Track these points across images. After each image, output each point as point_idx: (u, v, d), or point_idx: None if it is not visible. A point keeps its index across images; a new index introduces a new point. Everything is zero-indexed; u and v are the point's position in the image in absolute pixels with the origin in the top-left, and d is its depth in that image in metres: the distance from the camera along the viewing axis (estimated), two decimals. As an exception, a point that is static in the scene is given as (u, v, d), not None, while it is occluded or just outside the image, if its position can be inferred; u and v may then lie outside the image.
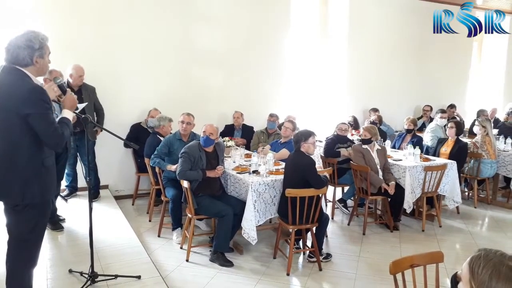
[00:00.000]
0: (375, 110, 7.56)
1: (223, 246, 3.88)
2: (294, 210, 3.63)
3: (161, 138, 4.77)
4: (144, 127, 5.58)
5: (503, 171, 5.81)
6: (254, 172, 4.12)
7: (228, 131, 6.26)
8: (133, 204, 5.64)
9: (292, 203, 3.62)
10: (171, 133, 4.84)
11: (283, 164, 4.37)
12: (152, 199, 5.04)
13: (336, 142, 5.53)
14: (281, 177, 4.01)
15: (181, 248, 4.17)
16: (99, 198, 5.35)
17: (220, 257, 3.85)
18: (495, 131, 7.01)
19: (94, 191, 5.22)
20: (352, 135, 6.59)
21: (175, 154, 4.22)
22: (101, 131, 5.11)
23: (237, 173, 4.18)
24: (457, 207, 5.43)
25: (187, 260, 3.89)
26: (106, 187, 5.70)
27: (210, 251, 3.98)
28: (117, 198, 5.61)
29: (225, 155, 4.68)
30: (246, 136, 6.16)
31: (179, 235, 4.31)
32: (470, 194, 6.05)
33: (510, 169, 5.70)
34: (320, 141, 6.27)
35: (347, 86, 7.69)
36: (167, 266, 3.79)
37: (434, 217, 5.12)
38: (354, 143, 5.59)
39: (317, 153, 5.93)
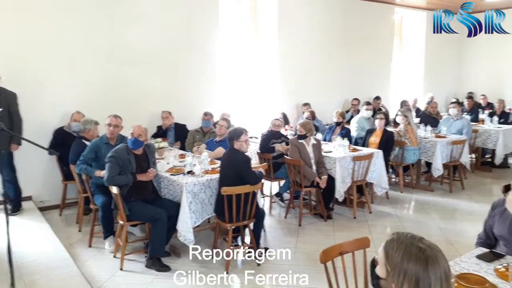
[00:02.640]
0: (306, 104, 7.77)
1: (159, 251, 3.76)
2: (231, 208, 3.63)
3: (87, 143, 4.50)
4: (68, 131, 5.24)
5: (425, 157, 6.26)
6: (188, 172, 4.04)
7: (161, 132, 6.09)
8: (60, 215, 5.28)
9: (228, 201, 3.61)
10: (98, 136, 4.59)
11: (219, 163, 4.33)
12: (80, 208, 4.75)
13: (270, 138, 5.60)
14: (217, 176, 3.98)
15: (114, 256, 3.97)
16: (22, 211, 4.94)
17: (156, 262, 3.73)
18: (417, 120, 7.54)
19: (15, 204, 4.82)
20: (286, 130, 6.72)
21: (103, 159, 4.00)
22: (19, 144, 4.72)
23: (170, 174, 4.07)
24: (386, 193, 5.74)
25: (121, 269, 3.72)
26: (29, 198, 5.27)
27: (145, 257, 3.85)
28: (42, 209, 5.22)
29: (157, 156, 4.55)
30: (180, 135, 6.03)
31: (112, 244, 4.11)
32: (397, 180, 6.44)
33: (430, 155, 6.14)
34: (256, 138, 6.35)
35: (280, 82, 7.83)
36: (99, 277, 3.60)
37: (364, 204, 5.39)
38: (288, 138, 5.70)
39: (253, 149, 5.99)
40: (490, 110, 8.30)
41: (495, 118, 7.53)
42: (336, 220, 5.04)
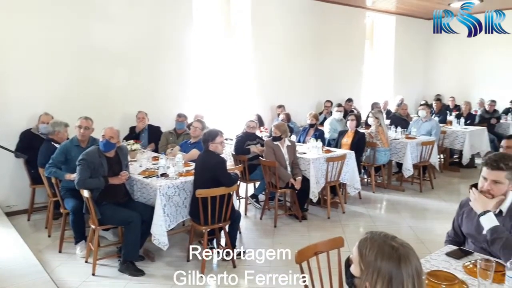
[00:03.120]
0: (281, 106, 7.83)
1: (132, 255, 3.69)
2: (206, 210, 3.60)
3: (56, 145, 4.37)
4: (35, 133, 5.07)
5: (395, 158, 6.42)
6: (162, 175, 3.99)
7: (134, 133, 5.97)
8: (28, 220, 5.10)
9: (203, 203, 3.58)
10: (68, 139, 4.46)
11: (193, 165, 4.30)
12: (50, 212, 4.60)
13: (245, 140, 5.61)
14: (192, 178, 3.94)
15: (86, 262, 3.87)
16: (-14, 217, 4.74)
17: (130, 266, 3.66)
18: (387, 121, 7.72)
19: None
20: (260, 131, 6.74)
21: (73, 162, 3.88)
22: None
23: (143, 177, 4.01)
24: (358, 193, 5.85)
25: (93, 274, 3.63)
26: (-6, 203, 5.08)
27: (118, 261, 3.77)
28: (9, 214, 5.03)
29: (130, 159, 4.46)
30: (153, 137, 5.94)
31: (83, 248, 4.01)
32: (369, 180, 6.58)
33: (401, 156, 6.30)
34: (231, 139, 6.33)
35: (254, 84, 7.85)
36: (70, 283, 3.50)
37: (338, 204, 5.47)
38: (263, 139, 5.72)
39: (228, 151, 5.97)
40: (457, 112, 8.61)
41: (462, 120, 7.81)
42: (310, 220, 5.09)
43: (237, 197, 5.32)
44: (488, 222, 2.14)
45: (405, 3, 9.19)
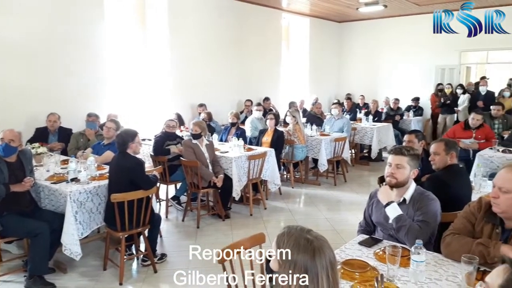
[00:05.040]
0: (202, 105, 7.75)
1: (41, 268, 3.37)
2: (122, 215, 3.42)
3: None
4: None
5: (312, 154, 6.72)
6: (72, 180, 3.70)
7: (41, 135, 5.43)
8: None
9: (119, 208, 3.39)
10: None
11: (108, 168, 4.05)
12: None
13: (165, 140, 5.44)
14: (106, 182, 3.72)
15: (-15, 280, 3.46)
16: None
17: (38, 281, 3.34)
18: (304, 119, 8.05)
19: None
20: (181, 131, 6.61)
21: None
22: None
23: (51, 183, 3.68)
24: (279, 189, 6.01)
25: (-6, 294, 3.26)
26: None
27: (24, 276, 3.42)
28: None
29: (35, 163, 4.08)
30: (64, 140, 5.48)
31: (-19, 266, 3.57)
32: (288, 176, 6.80)
33: (316, 152, 6.61)
34: (149, 140, 6.11)
35: (172, 83, 7.65)
36: (-35, 306, 3.10)
37: (260, 200, 5.57)
38: (183, 139, 5.60)
39: (146, 152, 5.75)
40: (366, 110, 9.27)
41: (370, 117, 8.45)
42: (233, 218, 5.11)
43: (157, 200, 5.15)
44: (393, 212, 2.35)
45: (318, 6, 9.65)
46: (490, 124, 6.25)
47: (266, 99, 9.10)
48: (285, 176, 6.88)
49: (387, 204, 2.37)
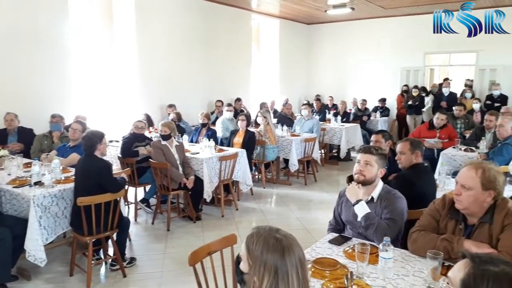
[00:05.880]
0: (172, 106, 7.65)
1: (3, 276, 3.23)
2: (90, 219, 3.32)
3: None
4: None
5: (283, 154, 6.76)
6: (36, 183, 3.56)
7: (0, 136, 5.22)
8: None
9: (86, 212, 3.29)
10: None
11: (73, 171, 3.92)
12: None
13: (133, 141, 5.32)
14: (72, 185, 3.60)
15: None
16: None
17: (-1, 290, 3.20)
18: (275, 120, 8.10)
19: None
20: (150, 132, 6.49)
21: None
22: None
23: (13, 187, 3.53)
24: (250, 189, 6.01)
25: (-50, 305, 3.08)
26: None
27: (-16, 286, 3.26)
28: None
29: (-5, 167, 3.90)
30: (23, 141, 5.25)
31: None
32: (259, 176, 6.82)
33: (287, 152, 6.66)
34: (116, 141, 5.97)
35: (140, 83, 7.50)
36: None
37: (231, 201, 5.55)
38: (152, 140, 5.51)
39: (113, 154, 5.62)
40: (335, 111, 9.44)
41: (339, 118, 8.60)
42: (205, 220, 5.07)
43: (126, 203, 5.03)
44: (361, 210, 2.40)
45: (287, 8, 9.73)
46: (452, 124, 6.51)
47: (238, 99, 9.10)
48: (256, 176, 6.90)
49: (356, 203, 2.42)
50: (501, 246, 1.93)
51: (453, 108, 7.04)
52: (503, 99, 8.60)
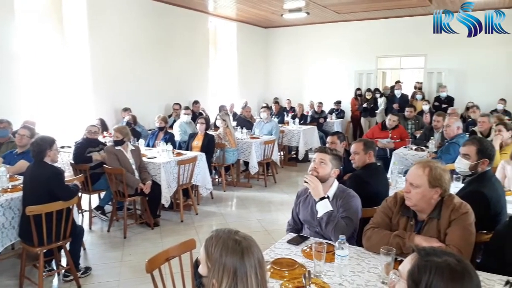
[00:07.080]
0: (127, 109, 7.45)
1: None
2: (40, 229, 3.16)
3: None
4: None
5: (243, 157, 6.77)
6: (-20, 193, 3.35)
7: None
8: None
9: (36, 221, 3.13)
10: None
11: (22, 179, 3.72)
12: None
13: (86, 146, 5.13)
14: (20, 194, 3.42)
15: None
16: None
17: None
18: (234, 123, 8.10)
19: None
20: (104, 137, 6.29)
21: None
22: None
23: (-47, 198, 3.29)
24: (210, 193, 5.97)
25: None
26: None
27: None
28: None
29: None
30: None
31: None
32: (220, 180, 6.78)
33: (247, 154, 6.68)
34: (69, 147, 5.74)
35: (93, 86, 7.23)
36: None
37: (191, 206, 5.48)
38: (106, 145, 5.33)
39: (66, 161, 5.40)
40: (293, 113, 9.59)
41: (297, 120, 8.75)
42: (163, 226, 4.97)
43: (79, 211, 4.85)
44: (324, 207, 2.43)
45: (244, 11, 9.78)
46: (404, 125, 6.81)
47: (195, 102, 9.01)
48: (216, 180, 6.86)
49: (320, 200, 2.45)
50: (448, 240, 2.04)
51: (405, 109, 7.37)
52: (449, 100, 9.11)
